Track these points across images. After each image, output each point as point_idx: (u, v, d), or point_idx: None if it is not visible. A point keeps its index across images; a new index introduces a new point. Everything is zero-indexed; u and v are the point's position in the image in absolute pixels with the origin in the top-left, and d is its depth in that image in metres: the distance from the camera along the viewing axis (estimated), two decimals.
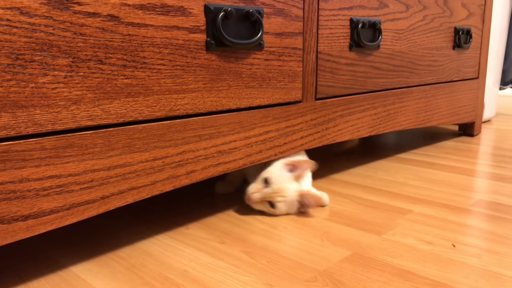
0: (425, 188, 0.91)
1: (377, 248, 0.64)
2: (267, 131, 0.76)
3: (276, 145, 0.78)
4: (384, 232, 0.70)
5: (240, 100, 0.70)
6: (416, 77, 1.12)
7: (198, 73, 0.64)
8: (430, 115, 1.20)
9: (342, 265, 0.59)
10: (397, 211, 0.78)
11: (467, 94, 1.35)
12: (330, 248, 0.65)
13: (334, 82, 0.88)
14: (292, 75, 0.78)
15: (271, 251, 0.64)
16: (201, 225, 0.73)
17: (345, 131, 0.93)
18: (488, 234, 0.69)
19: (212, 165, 0.68)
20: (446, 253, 0.63)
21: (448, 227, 0.72)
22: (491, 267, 0.59)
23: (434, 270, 0.58)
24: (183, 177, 0.64)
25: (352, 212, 0.78)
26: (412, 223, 0.73)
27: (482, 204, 0.82)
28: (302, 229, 0.71)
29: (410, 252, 0.63)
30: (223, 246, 0.65)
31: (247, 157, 0.73)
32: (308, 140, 0.85)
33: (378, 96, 1.00)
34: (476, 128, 1.46)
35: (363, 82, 0.95)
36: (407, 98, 1.10)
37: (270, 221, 0.75)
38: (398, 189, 0.90)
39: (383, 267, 0.59)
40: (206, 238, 0.68)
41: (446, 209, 0.79)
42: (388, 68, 1.01)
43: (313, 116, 0.85)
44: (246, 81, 0.70)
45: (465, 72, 1.32)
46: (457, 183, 0.94)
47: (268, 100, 0.75)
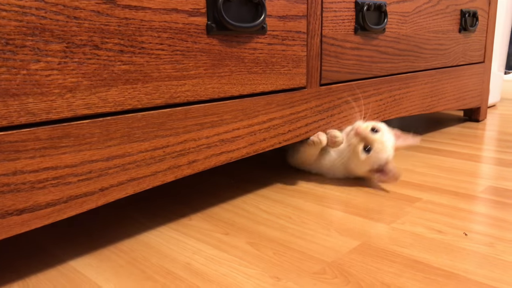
0: (433, 175, 0.89)
1: (386, 238, 0.62)
2: (271, 119, 0.73)
3: (280, 132, 0.76)
4: (393, 221, 0.68)
5: (243, 86, 0.67)
6: (422, 62, 1.09)
7: (199, 58, 0.61)
8: (436, 100, 1.17)
9: (351, 256, 0.57)
10: (406, 199, 0.76)
11: (473, 79, 1.33)
12: (338, 238, 0.63)
13: (339, 67, 0.85)
14: (296, 60, 0.75)
15: (277, 242, 0.62)
16: (204, 216, 0.71)
17: (350, 118, 0.90)
18: (500, 222, 0.66)
19: (214, 154, 0.65)
20: (458, 242, 0.61)
21: (459, 215, 0.69)
22: (505, 256, 0.56)
23: (447, 260, 0.56)
24: (184, 167, 0.62)
25: (359, 201, 0.76)
26: (421, 212, 0.71)
27: (491, 190, 0.80)
28: (308, 218, 0.69)
29: (421, 241, 0.61)
30: (227, 237, 0.63)
31: (251, 146, 0.71)
32: (313, 128, 0.82)
33: (384, 81, 0.97)
34: (481, 113, 1.43)
35: (369, 67, 0.92)
36: (413, 83, 1.07)
37: (274, 210, 0.72)
38: (406, 177, 0.88)
39: (394, 258, 0.57)
40: (210, 229, 0.66)
41: (456, 197, 0.77)
42: (394, 52, 0.98)
43: (318, 103, 0.82)
44: (248, 67, 0.68)
45: (471, 56, 1.29)
46: (465, 169, 0.92)
47: (272, 86, 0.72)
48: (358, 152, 0.78)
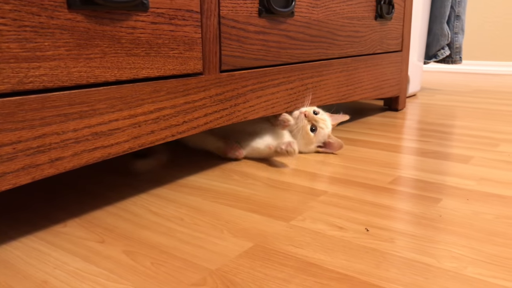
0: (343, 166, 0.85)
1: (282, 237, 0.56)
2: (160, 108, 0.65)
3: (173, 124, 0.68)
4: (293, 218, 0.62)
5: (121, 70, 0.59)
6: (336, 49, 1.05)
7: (58, 36, 0.51)
8: (352, 89, 1.14)
9: (239, 261, 0.51)
10: (311, 193, 0.71)
11: (390, 68, 1.31)
12: (230, 240, 0.56)
13: (242, 52, 0.79)
14: (189, 43, 0.67)
15: (159, 249, 0.54)
16: (82, 221, 0.62)
17: (258, 108, 0.84)
18: (404, 215, 0.63)
19: (86, 150, 0.56)
20: (358, 239, 0.56)
21: (363, 208, 0.65)
22: (404, 253, 0.52)
23: (342, 261, 0.51)
24: (45, 166, 0.52)
25: (262, 196, 0.70)
26: (325, 206, 0.66)
27: (401, 181, 0.77)
28: (201, 219, 0.62)
29: (319, 240, 0.56)
30: (101, 246, 0.55)
31: (135, 139, 0.62)
32: (214, 118, 0.75)
33: (294, 68, 0.92)
34: (400, 102, 1.43)
35: (277, 53, 0.87)
36: (327, 71, 1.03)
37: (166, 212, 0.65)
38: (315, 168, 0.84)
39: (286, 261, 0.51)
40: (84, 237, 0.57)
41: (363, 189, 0.73)
42: (305, 38, 0.93)
43: (218, 91, 0.75)
44: (127, 48, 0.59)
45: (388, 44, 1.28)
46: (378, 159, 0.89)
47: (159, 71, 0.64)
48: (307, 132, 0.91)
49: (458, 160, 0.88)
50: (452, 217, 0.62)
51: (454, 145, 0.99)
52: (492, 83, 2.19)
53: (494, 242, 0.55)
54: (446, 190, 0.72)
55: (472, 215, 0.63)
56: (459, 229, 0.58)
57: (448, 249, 0.53)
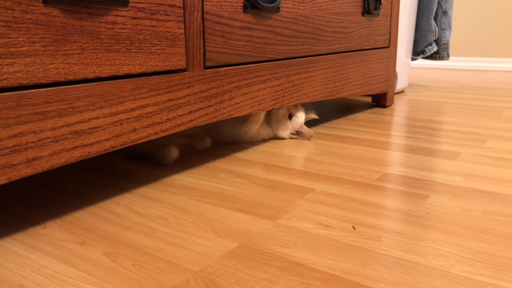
0: (331, 164, 0.84)
1: (268, 237, 0.55)
2: (143, 106, 0.63)
3: (156, 122, 0.66)
4: (279, 217, 0.61)
5: (100, 67, 0.57)
6: (323, 45, 1.04)
7: (34, 32, 0.49)
8: (340, 86, 1.14)
9: (223, 262, 0.50)
10: (298, 191, 0.70)
11: (378, 64, 1.31)
12: (214, 241, 0.55)
13: (227, 48, 0.77)
14: (172, 38, 0.66)
15: (141, 250, 0.52)
16: (63, 222, 0.60)
17: (244, 105, 0.83)
18: (391, 212, 0.62)
19: (65, 149, 0.55)
20: (344, 237, 0.55)
21: (350, 206, 0.64)
22: (391, 251, 0.52)
23: (329, 260, 0.50)
24: (22, 166, 0.51)
25: (248, 194, 0.69)
26: (311, 204, 0.65)
27: (388, 178, 0.76)
28: (186, 219, 0.61)
29: (305, 239, 0.55)
30: (81, 248, 0.53)
31: (116, 138, 0.60)
32: (199, 116, 0.73)
33: (281, 65, 0.91)
34: (388, 99, 1.43)
35: (263, 49, 0.85)
36: (314, 68, 1.02)
37: (150, 212, 0.63)
38: (302, 166, 0.83)
39: (271, 261, 0.50)
40: (64, 238, 0.55)
41: (350, 186, 0.72)
42: (291, 34, 0.92)
43: (202, 88, 0.73)
44: (107, 44, 0.57)
45: (375, 41, 1.27)
46: (366, 156, 0.88)
47: (141, 68, 0.62)
48: (286, 118, 1.01)
49: (445, 156, 0.88)
50: (440, 214, 0.61)
51: (442, 141, 0.99)
52: (479, 79, 2.20)
53: (482, 239, 0.54)
54: (433, 186, 0.72)
55: (460, 212, 0.62)
56: (447, 226, 0.58)
57: (436, 247, 0.52)
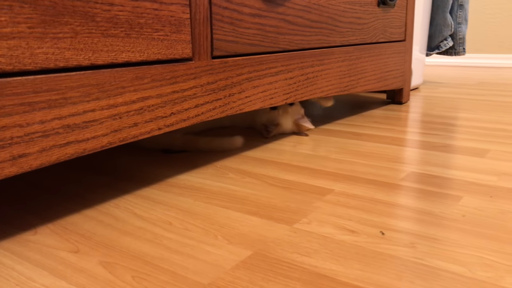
0: (349, 162, 0.77)
1: (285, 244, 0.49)
2: (144, 98, 0.57)
3: (160, 116, 0.60)
4: (297, 221, 0.54)
5: (96, 53, 0.51)
6: (338, 36, 0.97)
7: (18, 11, 0.43)
8: (355, 80, 1.07)
9: (236, 274, 0.43)
10: (316, 192, 0.64)
11: (394, 58, 1.24)
12: (225, 248, 0.48)
13: (236, 37, 0.71)
14: (176, 24, 0.60)
15: (142, 259, 0.46)
16: (56, 227, 0.54)
17: (255, 98, 0.76)
18: (422, 215, 0.55)
19: (56, 145, 0.48)
20: (373, 244, 0.48)
21: (376, 208, 0.58)
22: (429, 260, 0.45)
23: (357, 271, 0.43)
24: (6, 164, 0.44)
25: (261, 196, 0.62)
26: (332, 206, 0.58)
27: (414, 177, 0.69)
28: (193, 223, 0.54)
29: (328, 246, 0.48)
30: (75, 256, 0.47)
31: (115, 133, 0.54)
32: (206, 110, 0.67)
33: (294, 56, 0.84)
34: (404, 95, 1.36)
35: (274, 38, 0.79)
36: (328, 60, 0.95)
37: (153, 215, 0.57)
38: (319, 165, 0.76)
39: (291, 272, 0.43)
40: (56, 246, 0.49)
41: (373, 186, 0.66)
42: (304, 23, 0.86)
43: (210, 79, 0.67)
44: (103, 28, 0.51)
45: (391, 33, 1.21)
46: (386, 154, 0.82)
47: (142, 56, 0.56)
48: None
49: (473, 153, 0.81)
50: (477, 217, 0.54)
51: (466, 138, 0.92)
52: (496, 76, 2.12)
53: None
54: (465, 186, 0.65)
55: (499, 214, 0.55)
56: (488, 231, 0.51)
57: (479, 255, 0.46)
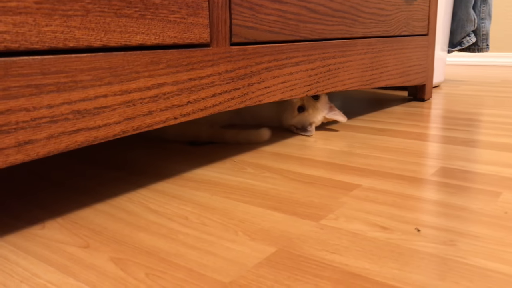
0: (375, 157, 0.73)
1: (312, 240, 0.45)
2: (160, 84, 0.54)
3: (176, 104, 0.56)
4: (323, 216, 0.50)
5: (108, 34, 0.47)
6: (360, 27, 0.93)
7: None
8: (378, 74, 1.02)
9: (260, 272, 0.39)
10: (341, 187, 0.59)
11: (416, 52, 1.19)
12: (246, 244, 0.44)
13: (256, 23, 0.67)
14: (193, 6, 0.56)
15: (157, 256, 0.42)
16: (65, 222, 0.51)
17: (275, 89, 0.72)
18: (459, 211, 0.51)
19: (65, 132, 0.45)
20: (408, 242, 0.44)
21: (408, 204, 0.53)
22: (472, 259, 0.40)
23: (394, 270, 0.39)
24: (11, 150, 0.41)
25: (282, 190, 0.58)
26: (360, 202, 0.54)
27: (445, 172, 0.65)
28: (210, 218, 0.50)
29: (359, 243, 0.44)
30: (84, 252, 0.43)
31: (128, 121, 0.51)
32: (224, 99, 0.63)
33: (315, 46, 0.80)
34: (427, 91, 1.31)
35: (295, 26, 0.75)
36: (350, 52, 0.91)
37: (168, 210, 0.53)
38: (343, 160, 0.72)
39: (320, 270, 0.39)
40: (65, 241, 0.46)
41: (403, 181, 0.61)
42: (326, 12, 0.82)
43: (228, 67, 0.63)
44: (116, 7, 0.48)
45: (414, 27, 1.16)
46: (413, 149, 0.77)
47: (157, 39, 0.53)
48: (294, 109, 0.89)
49: (506, 149, 0.76)
50: None
51: (493, 134, 0.87)
52: None
53: None
54: (503, 182, 0.60)
55: None
56: None
57: None
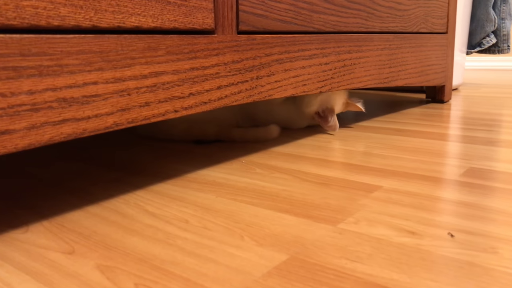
0: (396, 158, 0.67)
1: (330, 247, 0.39)
2: (158, 73, 0.48)
3: (176, 96, 0.51)
4: (341, 220, 0.44)
5: (99, 13, 0.42)
6: (377, 21, 0.87)
7: None
8: (396, 72, 0.96)
9: (269, 283, 0.33)
10: (360, 188, 0.53)
11: (435, 51, 1.13)
12: (253, 251, 0.38)
13: (266, 10, 0.62)
14: None
15: (149, 263, 0.37)
16: (51, 225, 0.45)
17: (286, 84, 0.67)
18: (498, 215, 0.44)
19: (49, 122, 0.40)
20: (442, 249, 0.38)
21: (437, 207, 0.47)
22: None
23: (427, 281, 0.33)
24: None
25: (295, 192, 0.53)
26: (383, 204, 0.48)
27: (476, 173, 0.58)
28: (213, 221, 0.45)
29: (384, 250, 0.38)
30: (68, 259, 0.38)
31: (122, 112, 0.46)
32: (230, 93, 0.58)
33: (329, 39, 0.75)
34: (446, 93, 1.24)
35: (308, 17, 0.69)
36: (367, 47, 0.85)
37: (167, 212, 0.48)
38: (360, 160, 0.66)
39: (340, 281, 0.33)
40: (47, 246, 0.41)
41: (429, 182, 0.55)
42: (341, 3, 0.76)
43: (235, 57, 0.58)
44: None
45: (433, 24, 1.10)
46: (436, 149, 0.71)
47: (155, 21, 0.47)
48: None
49: None
50: None
51: None
52: None
53: None
54: None
55: None
56: None
57: None
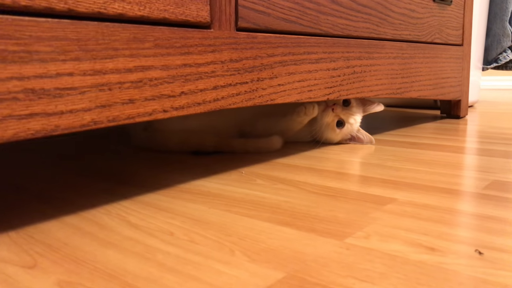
0: (410, 170, 0.61)
1: (335, 264, 0.33)
2: (145, 67, 0.44)
3: (166, 94, 0.46)
4: (349, 234, 0.38)
5: None
6: (389, 28, 0.82)
7: None
8: (409, 83, 0.91)
9: None
10: (371, 201, 0.47)
11: (450, 64, 1.07)
12: (244, 267, 0.33)
13: (268, 7, 0.57)
14: None
15: (120, 279, 0.31)
16: (18, 236, 0.40)
17: (290, 88, 0.62)
18: None
19: (13, 115, 0.35)
20: (469, 268, 0.32)
21: (459, 221, 0.41)
22: None
23: None
24: None
25: (298, 204, 0.47)
26: (397, 218, 0.42)
27: (500, 186, 0.52)
28: (201, 234, 0.39)
29: (400, 268, 0.32)
30: (27, 273, 0.32)
31: (102, 109, 0.41)
32: (228, 94, 0.53)
33: (338, 43, 0.70)
34: (462, 108, 1.18)
35: (315, 17, 0.65)
36: (378, 55, 0.80)
37: (151, 224, 0.42)
38: (372, 172, 0.60)
39: None
40: (8, 259, 0.35)
41: (449, 195, 0.49)
42: (350, 6, 0.71)
43: (233, 56, 0.53)
44: None
45: (447, 35, 1.05)
46: (454, 162, 0.64)
47: (141, 9, 0.43)
48: (333, 128, 0.78)
49: None
50: None
51: None
52: None
53: None
54: None
55: None
56: None
57: None
